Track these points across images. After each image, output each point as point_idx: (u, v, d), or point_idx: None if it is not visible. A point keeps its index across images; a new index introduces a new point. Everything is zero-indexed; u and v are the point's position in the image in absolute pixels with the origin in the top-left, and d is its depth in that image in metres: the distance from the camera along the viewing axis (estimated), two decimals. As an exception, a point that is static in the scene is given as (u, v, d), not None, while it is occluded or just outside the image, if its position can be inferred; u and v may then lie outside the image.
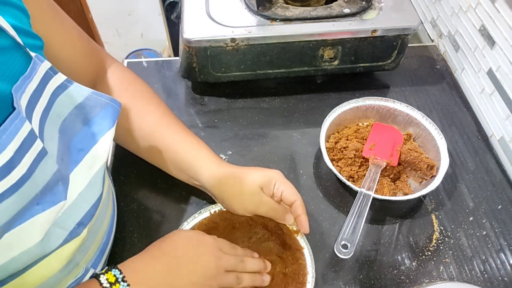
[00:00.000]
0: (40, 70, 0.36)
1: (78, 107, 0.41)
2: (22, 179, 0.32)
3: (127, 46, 1.97)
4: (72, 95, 0.40)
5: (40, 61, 0.36)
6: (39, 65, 0.36)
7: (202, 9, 0.69)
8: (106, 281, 0.39)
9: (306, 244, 0.53)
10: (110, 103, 0.43)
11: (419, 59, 0.85)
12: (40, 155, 0.34)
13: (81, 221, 0.40)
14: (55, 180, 0.36)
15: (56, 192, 0.37)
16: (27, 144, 0.33)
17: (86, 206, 0.41)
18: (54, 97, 0.38)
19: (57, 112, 0.39)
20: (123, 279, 0.39)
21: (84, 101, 0.41)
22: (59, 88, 0.39)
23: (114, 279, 0.39)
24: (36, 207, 0.35)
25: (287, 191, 0.52)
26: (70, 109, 0.40)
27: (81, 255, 0.44)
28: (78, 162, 0.40)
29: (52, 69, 0.38)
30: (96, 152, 0.42)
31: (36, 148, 0.34)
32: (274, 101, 0.76)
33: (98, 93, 0.42)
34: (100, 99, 0.42)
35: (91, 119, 0.42)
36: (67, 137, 0.40)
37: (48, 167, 0.36)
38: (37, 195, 0.35)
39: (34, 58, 0.36)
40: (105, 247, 0.50)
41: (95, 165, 0.42)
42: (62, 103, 0.39)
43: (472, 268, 0.56)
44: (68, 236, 0.39)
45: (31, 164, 0.33)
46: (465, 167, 0.67)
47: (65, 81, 0.39)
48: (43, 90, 0.37)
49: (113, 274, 0.40)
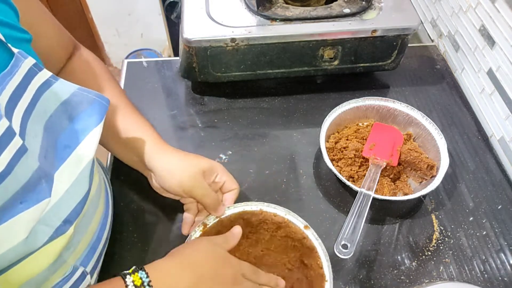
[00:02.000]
0: (23, 66, 0.36)
1: (64, 103, 0.40)
2: (1, 176, 0.32)
3: (127, 46, 1.97)
4: (58, 92, 0.40)
5: (24, 57, 0.36)
6: (22, 62, 0.36)
7: (202, 9, 0.69)
8: (132, 284, 0.39)
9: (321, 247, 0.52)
10: (97, 99, 0.42)
11: (419, 59, 0.85)
12: (20, 151, 0.34)
13: (67, 219, 0.40)
14: (37, 177, 0.36)
15: (40, 190, 0.36)
16: (4, 141, 0.32)
17: (73, 203, 0.41)
18: (38, 94, 0.38)
19: (42, 109, 0.38)
20: (149, 283, 0.39)
21: (70, 97, 0.41)
22: (44, 85, 0.38)
23: (140, 282, 0.39)
24: (19, 206, 0.34)
25: (229, 181, 0.54)
26: (56, 106, 0.40)
27: (69, 252, 0.43)
28: (64, 159, 0.40)
29: (36, 65, 0.37)
30: (83, 149, 0.41)
31: (15, 145, 0.33)
32: (274, 101, 0.76)
33: (85, 89, 0.42)
34: (87, 95, 0.42)
35: (77, 115, 0.41)
36: (53, 134, 0.39)
37: (29, 164, 0.35)
38: (18, 192, 0.34)
39: (16, 55, 0.35)
40: (96, 245, 0.49)
41: (82, 162, 0.41)
42: (47, 99, 0.39)
43: (472, 268, 0.56)
44: (54, 234, 0.39)
45: (9, 161, 0.33)
46: (465, 167, 0.67)
47: (50, 77, 0.39)
48: (26, 87, 0.36)
49: (140, 277, 0.39)
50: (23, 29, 0.39)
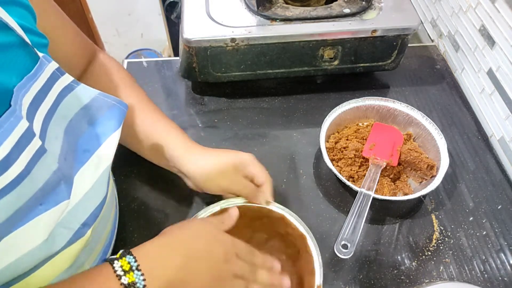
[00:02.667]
0: (47, 70, 0.36)
1: (85, 108, 0.41)
2: (20, 177, 0.32)
3: (127, 46, 1.97)
4: (79, 96, 0.40)
5: (48, 62, 0.37)
6: (46, 65, 0.36)
7: (202, 9, 0.69)
8: (121, 269, 0.37)
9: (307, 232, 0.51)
10: (116, 104, 0.43)
11: (419, 59, 0.85)
12: (38, 153, 0.34)
13: (86, 222, 0.40)
14: (56, 179, 0.36)
15: (59, 191, 0.36)
16: (24, 142, 0.32)
17: (91, 206, 0.41)
18: (60, 98, 0.38)
19: (63, 113, 0.39)
20: (138, 267, 0.37)
21: (90, 102, 0.41)
22: (65, 89, 0.39)
23: (128, 267, 0.37)
24: (39, 207, 0.34)
25: (260, 173, 0.54)
26: (76, 110, 0.40)
27: (86, 255, 0.43)
28: (83, 162, 0.40)
29: (59, 69, 0.38)
30: (101, 153, 0.41)
31: (33, 146, 0.33)
32: (274, 101, 0.76)
33: (105, 94, 0.42)
34: (106, 100, 0.42)
35: (97, 120, 0.42)
36: (72, 138, 0.40)
37: (48, 166, 0.35)
38: (37, 194, 0.34)
39: (41, 58, 0.36)
40: (108, 248, 0.50)
41: (101, 166, 0.42)
42: (69, 104, 0.39)
43: (472, 268, 0.56)
44: (73, 237, 0.39)
45: (28, 162, 0.33)
46: (465, 167, 0.67)
47: (72, 82, 0.39)
48: (48, 91, 0.37)
49: (127, 261, 0.37)
50: (41, 33, 0.39)
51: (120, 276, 0.36)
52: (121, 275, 0.36)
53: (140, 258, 0.38)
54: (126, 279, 0.36)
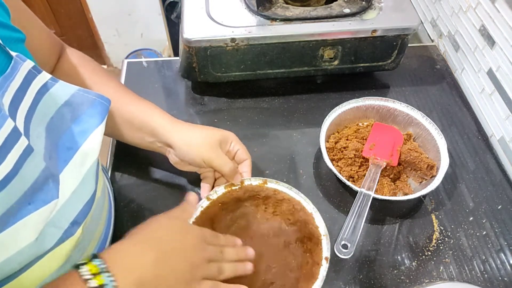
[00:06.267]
0: (22, 69, 0.36)
1: (65, 105, 0.41)
2: (8, 177, 0.32)
3: (127, 46, 1.98)
4: (58, 94, 0.40)
5: (22, 60, 0.36)
6: (21, 64, 0.36)
7: (202, 9, 0.69)
8: (88, 272, 0.36)
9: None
10: (97, 99, 0.43)
11: (419, 59, 0.85)
12: (26, 152, 0.34)
13: (75, 220, 0.40)
14: (44, 177, 0.36)
15: (47, 190, 0.36)
16: (11, 141, 0.32)
17: (80, 204, 0.41)
18: (39, 96, 0.38)
19: (43, 111, 0.38)
20: (106, 269, 0.36)
21: (70, 99, 0.41)
22: (44, 87, 0.38)
23: (96, 270, 0.36)
24: (28, 207, 0.34)
25: (241, 150, 0.57)
26: (56, 107, 0.40)
27: (78, 254, 0.43)
28: (68, 160, 0.40)
29: (35, 68, 0.38)
30: (86, 150, 0.41)
31: (21, 145, 0.33)
32: (274, 101, 0.76)
33: (85, 90, 0.42)
34: (87, 96, 0.42)
35: (79, 116, 0.42)
36: (55, 136, 0.40)
37: (36, 164, 0.35)
38: (26, 193, 0.34)
39: (15, 58, 0.36)
40: (103, 246, 0.49)
41: (86, 162, 0.41)
42: (48, 101, 0.39)
43: (472, 268, 0.56)
44: (63, 235, 0.39)
45: (16, 161, 0.33)
46: (465, 167, 0.67)
47: (50, 79, 0.39)
48: (26, 89, 0.36)
49: (95, 265, 0.36)
50: (17, 28, 0.39)
51: (87, 280, 0.35)
52: (87, 278, 0.36)
53: (110, 260, 0.38)
54: (95, 281, 0.35)
